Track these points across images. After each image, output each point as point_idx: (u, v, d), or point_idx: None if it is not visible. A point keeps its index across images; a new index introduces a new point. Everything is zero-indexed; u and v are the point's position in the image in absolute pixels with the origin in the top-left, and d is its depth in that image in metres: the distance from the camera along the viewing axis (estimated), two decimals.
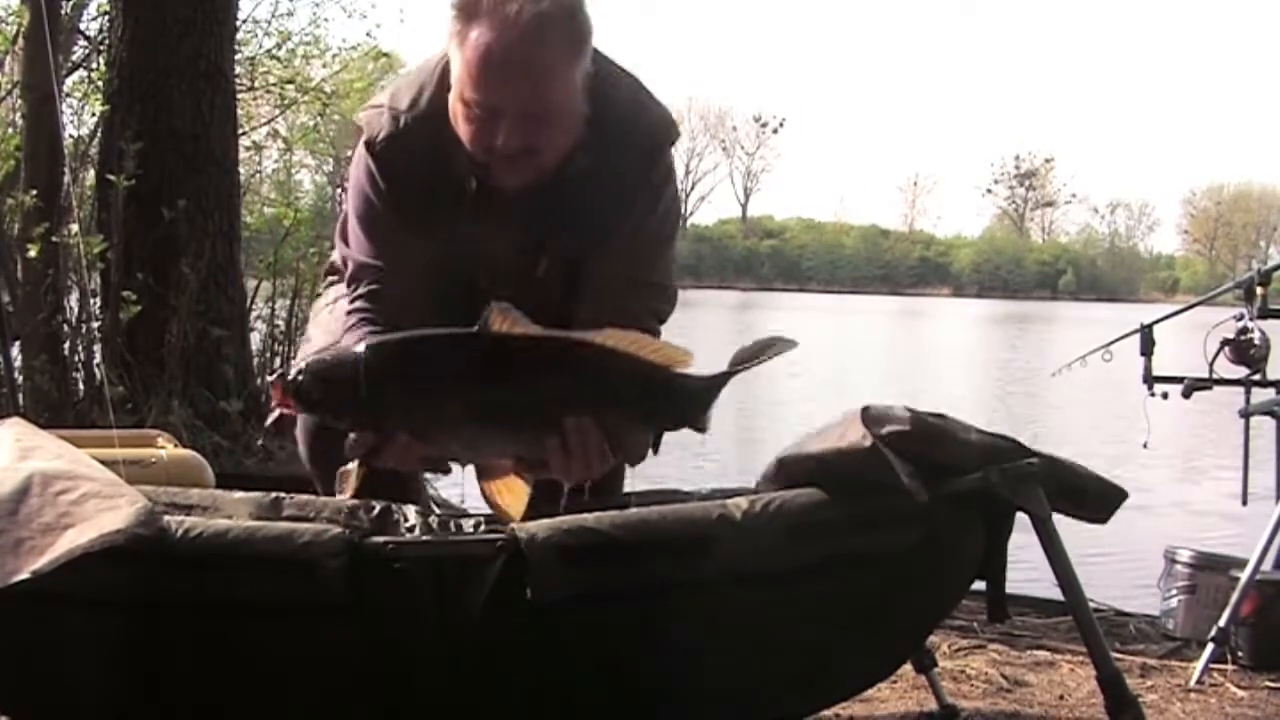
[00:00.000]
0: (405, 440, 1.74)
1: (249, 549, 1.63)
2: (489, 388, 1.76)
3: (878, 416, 1.78)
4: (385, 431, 1.74)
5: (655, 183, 2.06)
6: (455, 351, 1.77)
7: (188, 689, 1.72)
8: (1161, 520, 6.13)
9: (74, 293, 5.63)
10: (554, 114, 1.87)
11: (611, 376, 1.79)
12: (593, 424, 1.76)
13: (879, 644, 1.97)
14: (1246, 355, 3.19)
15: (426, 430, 1.75)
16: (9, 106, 7.12)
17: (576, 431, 1.76)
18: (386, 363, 1.75)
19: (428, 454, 1.78)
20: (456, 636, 1.69)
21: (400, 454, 1.76)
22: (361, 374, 1.73)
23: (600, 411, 1.78)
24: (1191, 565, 3.26)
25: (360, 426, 1.75)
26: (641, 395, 1.81)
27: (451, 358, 1.77)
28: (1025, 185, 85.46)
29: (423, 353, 1.78)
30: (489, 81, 1.82)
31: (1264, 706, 2.68)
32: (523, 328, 1.74)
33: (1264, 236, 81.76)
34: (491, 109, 1.84)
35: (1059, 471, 1.86)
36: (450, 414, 1.76)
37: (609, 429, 1.78)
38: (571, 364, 1.78)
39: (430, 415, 1.76)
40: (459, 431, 1.77)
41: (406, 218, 2.03)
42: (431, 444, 1.76)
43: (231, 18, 6.23)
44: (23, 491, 1.59)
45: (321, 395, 1.75)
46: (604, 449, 1.78)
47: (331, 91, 10.75)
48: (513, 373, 1.76)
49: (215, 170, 5.78)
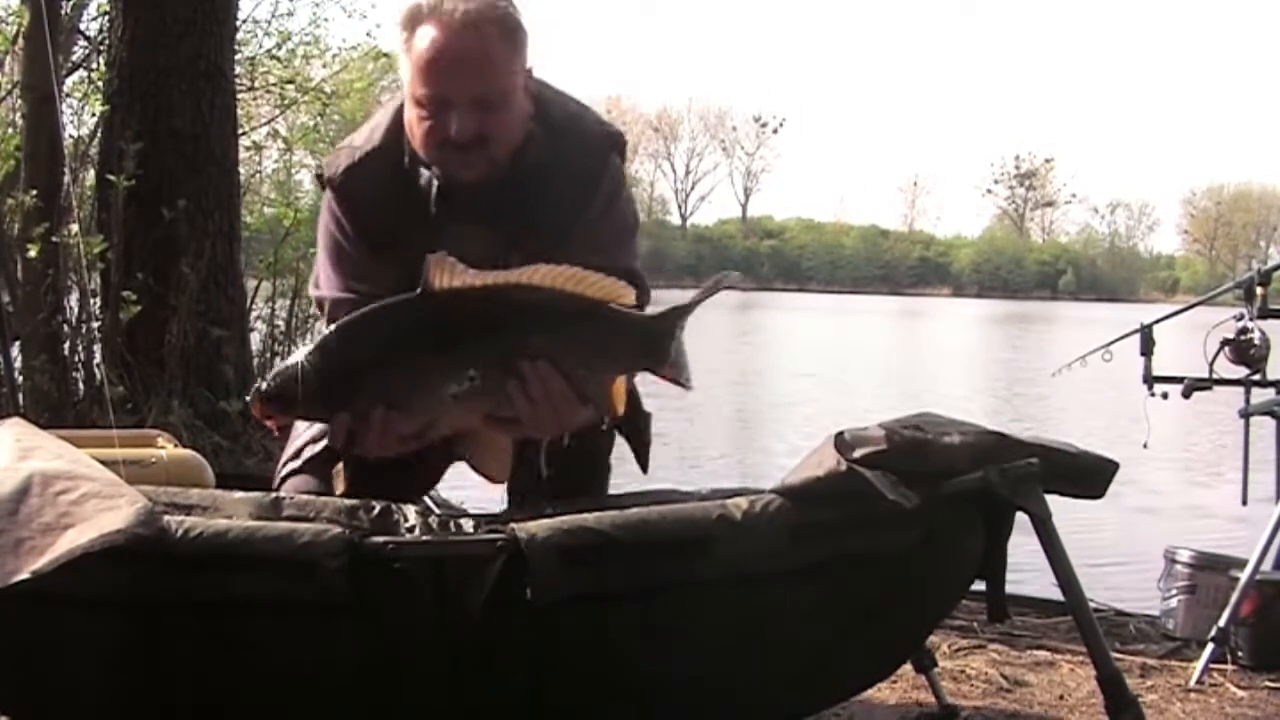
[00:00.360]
0: (381, 415, 1.75)
1: (249, 549, 1.63)
2: (444, 343, 1.79)
3: (851, 441, 1.80)
4: (359, 410, 1.76)
5: (607, 189, 2.11)
6: (405, 315, 1.81)
7: (188, 689, 1.72)
8: (1161, 520, 6.14)
9: (74, 293, 5.63)
10: (500, 101, 1.97)
11: (561, 317, 1.81)
12: (550, 368, 1.77)
13: (879, 644, 1.97)
14: (1246, 355, 3.18)
15: (397, 399, 1.76)
16: (9, 106, 7.11)
17: (536, 377, 1.77)
18: (343, 344, 1.81)
19: (405, 430, 1.78)
20: (456, 636, 1.69)
21: (380, 434, 1.77)
22: (321, 361, 1.78)
23: (556, 354, 1.79)
24: (1191, 565, 3.27)
25: (336, 411, 1.77)
26: (593, 332, 1.82)
27: (403, 323, 1.81)
28: (1025, 185, 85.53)
29: (375, 325, 1.82)
30: (437, 74, 1.94)
31: (1264, 706, 2.68)
32: (462, 276, 1.77)
33: (1264, 236, 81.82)
34: (442, 101, 1.95)
35: (1050, 455, 1.87)
36: (414, 377, 1.78)
37: (567, 371, 1.79)
38: (520, 308, 1.79)
39: (395, 383, 1.77)
40: (427, 394, 1.78)
41: (374, 242, 2.09)
42: (405, 415, 1.77)
43: (231, 18, 6.23)
44: (23, 491, 1.59)
45: (292, 394, 1.78)
46: (568, 393, 1.79)
47: (331, 91, 10.74)
48: (465, 325, 1.79)
49: (215, 170, 5.78)
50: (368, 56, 10.91)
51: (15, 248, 5.54)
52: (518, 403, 1.77)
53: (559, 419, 1.81)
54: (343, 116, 10.85)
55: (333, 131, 10.61)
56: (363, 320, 1.83)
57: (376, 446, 1.79)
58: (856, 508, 1.79)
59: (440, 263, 1.76)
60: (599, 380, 1.84)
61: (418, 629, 1.69)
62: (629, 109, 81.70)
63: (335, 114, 10.70)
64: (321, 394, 1.78)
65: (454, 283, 1.77)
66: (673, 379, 1.89)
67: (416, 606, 1.67)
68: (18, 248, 5.48)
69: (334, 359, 1.78)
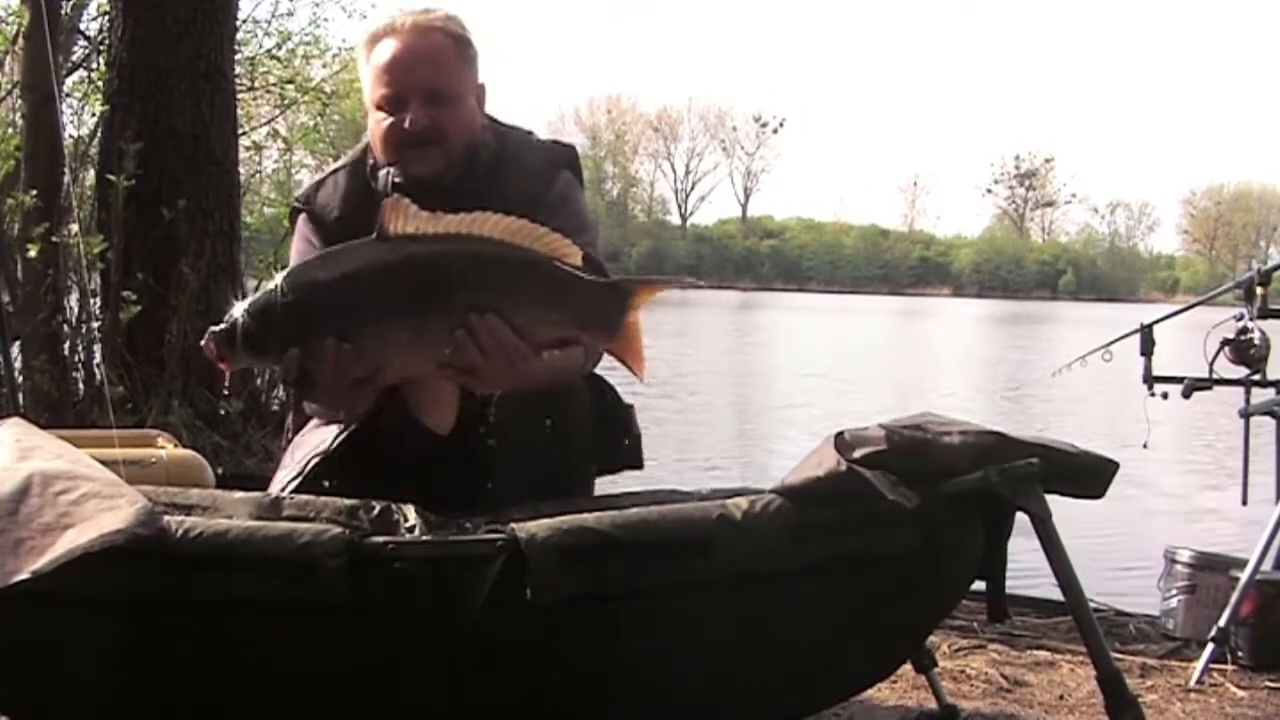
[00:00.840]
0: (333, 348, 1.76)
1: (249, 549, 1.63)
2: (396, 287, 1.81)
3: (851, 441, 1.80)
4: (311, 346, 1.77)
5: (560, 191, 2.19)
6: (359, 257, 1.85)
7: (187, 689, 1.72)
8: (1161, 520, 6.14)
9: (74, 293, 5.63)
10: (451, 97, 2.11)
11: (509, 268, 1.84)
12: (498, 320, 1.80)
13: (879, 644, 1.97)
14: (1246, 355, 3.18)
15: (348, 333, 1.77)
16: (9, 106, 7.12)
17: (484, 329, 1.80)
18: (297, 283, 1.83)
19: (357, 371, 1.79)
20: (456, 636, 1.69)
21: (333, 373, 1.78)
22: (276, 298, 1.80)
23: (504, 305, 1.82)
24: (1191, 565, 3.26)
25: (289, 347, 1.78)
26: (539, 287, 1.85)
27: (357, 264, 1.84)
28: (1025, 185, 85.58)
29: (329, 266, 1.87)
30: (394, 73, 2.10)
31: (1264, 706, 2.68)
32: (416, 220, 1.81)
33: (1264, 236, 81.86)
34: (398, 99, 2.10)
35: (1050, 455, 1.87)
36: (365, 316, 1.79)
37: (517, 324, 1.82)
38: (471, 258, 1.83)
39: (347, 321, 1.78)
40: (377, 336, 1.80)
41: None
42: (356, 355, 1.78)
43: (231, 18, 6.23)
44: (23, 491, 1.59)
45: (246, 331, 1.78)
46: (519, 345, 1.82)
47: (331, 91, 10.75)
48: (417, 270, 1.81)
49: (215, 170, 5.77)
50: None
51: (15, 248, 5.54)
52: (468, 353, 1.80)
53: (512, 368, 1.84)
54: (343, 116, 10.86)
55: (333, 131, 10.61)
56: (318, 261, 1.90)
57: (330, 389, 1.81)
58: (856, 508, 1.79)
59: (395, 206, 1.81)
60: (548, 336, 1.87)
61: (418, 629, 1.68)
62: (629, 109, 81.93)
63: (335, 114, 10.70)
64: (275, 330, 1.79)
65: (408, 227, 1.81)
66: (623, 359, 1.92)
67: (416, 606, 1.67)
68: (18, 248, 5.47)
69: (287, 296, 1.80)
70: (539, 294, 1.86)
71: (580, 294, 1.88)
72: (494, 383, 1.89)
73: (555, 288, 1.86)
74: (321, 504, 1.75)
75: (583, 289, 1.88)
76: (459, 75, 2.14)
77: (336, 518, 1.71)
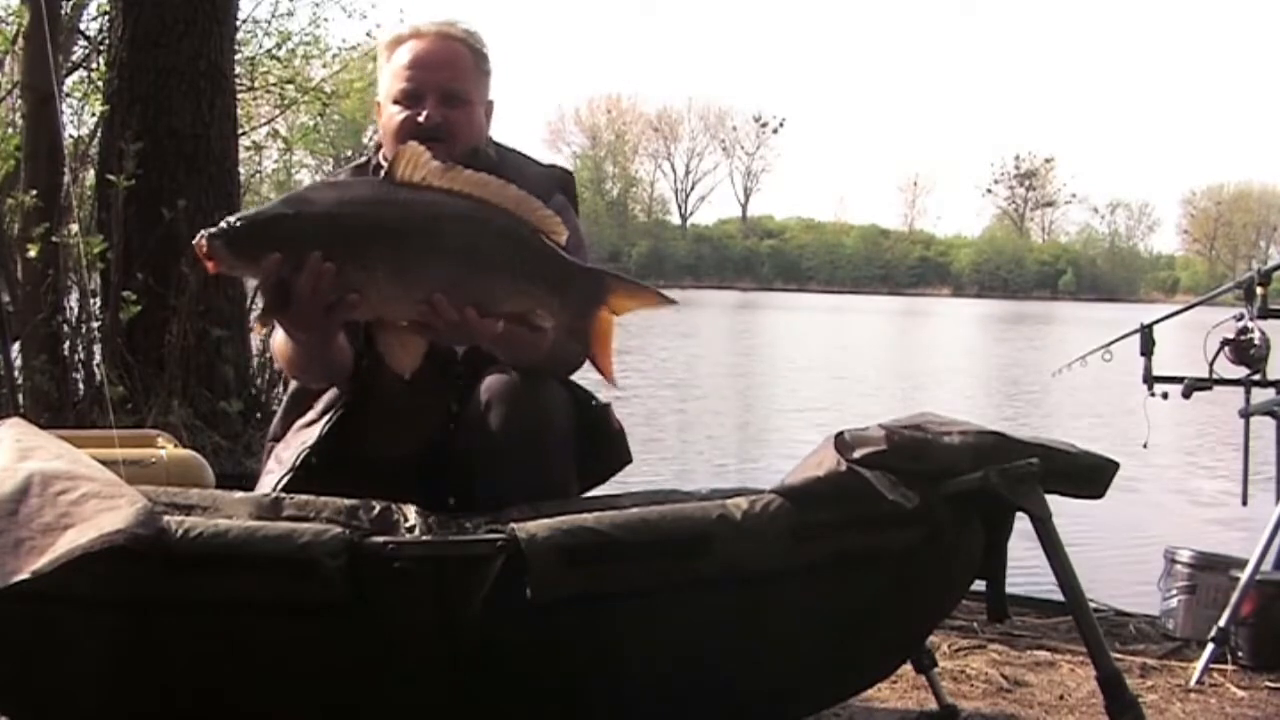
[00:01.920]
0: (314, 264, 1.78)
1: (249, 549, 1.63)
2: (390, 223, 1.84)
3: (851, 441, 1.80)
4: (295, 255, 1.79)
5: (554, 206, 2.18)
6: (363, 191, 1.95)
7: (187, 689, 1.72)
8: (1162, 520, 6.14)
9: (74, 293, 5.62)
10: (463, 100, 2.23)
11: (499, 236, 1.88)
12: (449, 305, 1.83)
13: (879, 644, 1.97)
14: (1246, 355, 3.19)
15: (333, 254, 1.79)
16: (9, 106, 7.12)
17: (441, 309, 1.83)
18: (295, 197, 1.89)
19: (332, 294, 1.81)
20: (456, 636, 1.69)
21: (311, 286, 1.79)
22: (271, 206, 1.85)
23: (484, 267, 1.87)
24: (1191, 565, 3.26)
25: (274, 249, 1.79)
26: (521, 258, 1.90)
27: (359, 197, 1.91)
28: (1025, 185, 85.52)
29: (329, 189, 1.97)
30: (414, 71, 2.22)
31: (1264, 706, 2.68)
32: (425, 169, 1.86)
33: (1264, 236, 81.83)
34: (415, 94, 2.21)
35: (1050, 455, 1.87)
36: (352, 244, 1.82)
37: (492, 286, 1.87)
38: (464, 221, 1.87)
39: (335, 242, 1.80)
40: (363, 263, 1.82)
41: None
42: (337, 274, 1.79)
43: (231, 18, 6.23)
44: (23, 491, 1.59)
45: (237, 231, 1.80)
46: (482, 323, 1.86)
47: (331, 91, 10.75)
48: (411, 213, 1.85)
49: (215, 170, 5.77)
50: (368, 56, 10.92)
51: (15, 248, 5.54)
52: (440, 313, 1.84)
53: (470, 340, 1.94)
54: (343, 116, 10.87)
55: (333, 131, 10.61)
56: (320, 185, 1.96)
57: (304, 305, 1.81)
58: (856, 508, 1.79)
59: (408, 152, 1.87)
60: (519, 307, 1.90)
61: (418, 629, 1.69)
62: (629, 109, 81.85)
63: (335, 114, 10.70)
64: (263, 235, 1.81)
65: (416, 175, 1.86)
66: (590, 351, 1.95)
67: (416, 606, 1.67)
68: (18, 248, 5.47)
69: (281, 208, 1.84)
70: (519, 264, 1.90)
71: (558, 272, 1.92)
72: (453, 341, 2.01)
73: (536, 260, 1.91)
74: (321, 504, 1.75)
75: (562, 268, 1.93)
76: (474, 83, 2.26)
77: (336, 518, 1.71)
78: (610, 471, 2.26)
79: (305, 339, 1.97)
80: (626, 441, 2.27)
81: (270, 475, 2.14)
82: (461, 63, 2.24)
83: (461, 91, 2.22)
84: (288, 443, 2.20)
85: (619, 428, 2.25)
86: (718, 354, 15.96)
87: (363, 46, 10.91)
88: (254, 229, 1.81)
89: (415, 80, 2.21)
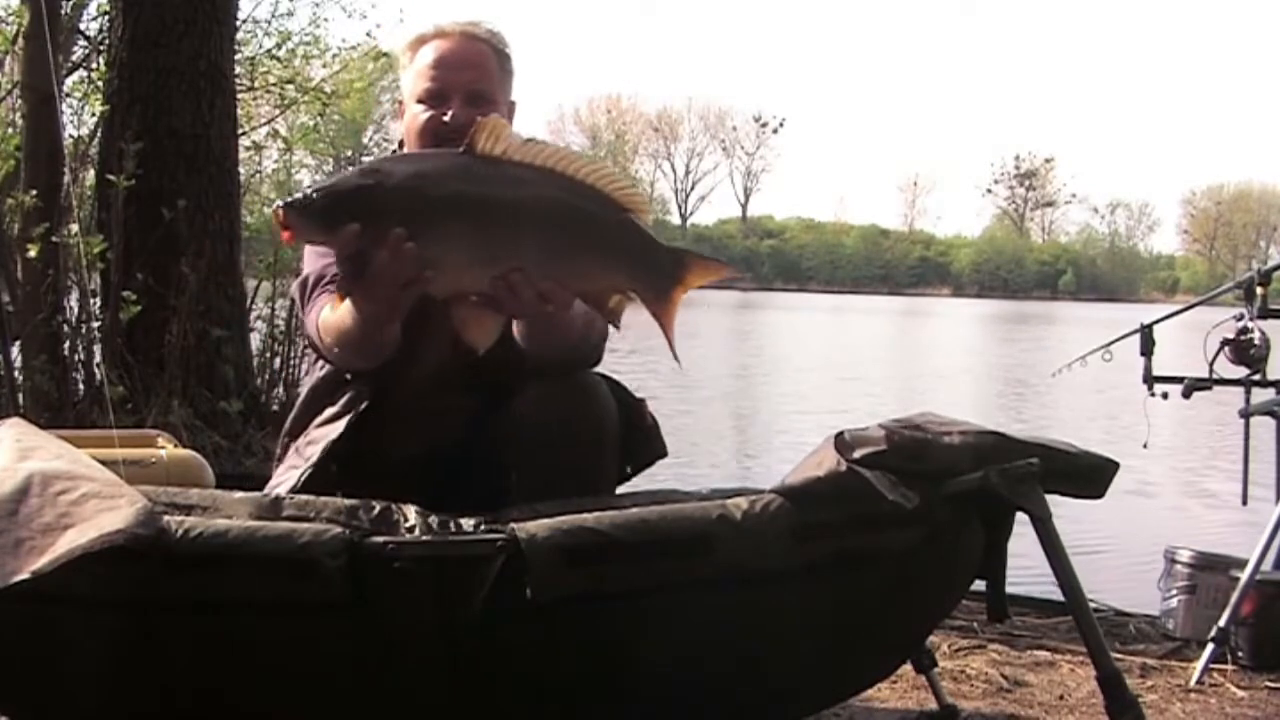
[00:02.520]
0: (395, 239, 1.75)
1: (249, 549, 1.63)
2: (471, 196, 1.81)
3: (851, 441, 1.80)
4: (375, 228, 1.76)
5: None
6: (441, 161, 1.90)
7: (187, 689, 1.72)
8: (1161, 520, 6.14)
9: (74, 293, 5.62)
10: (489, 102, 2.21)
11: (582, 210, 1.85)
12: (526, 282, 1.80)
13: (879, 644, 1.97)
14: (1246, 355, 3.19)
15: (413, 228, 1.77)
16: (9, 106, 7.12)
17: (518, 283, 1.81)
18: (376, 168, 1.85)
19: (411, 269, 1.78)
20: (456, 636, 1.69)
21: (389, 263, 1.77)
22: (353, 177, 1.81)
23: (566, 243, 1.84)
24: (1191, 565, 3.26)
25: (351, 221, 1.76)
26: (606, 235, 1.87)
27: (438, 166, 1.87)
28: (1025, 185, 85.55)
29: (410, 161, 1.91)
30: (440, 71, 2.21)
31: (1264, 706, 2.68)
32: (505, 143, 1.83)
33: (1264, 236, 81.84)
34: (442, 95, 2.20)
35: (1050, 455, 1.87)
36: (435, 215, 1.79)
37: (573, 264, 1.85)
38: (547, 192, 1.83)
39: (417, 213, 1.78)
40: (442, 237, 1.79)
41: None
42: (416, 250, 1.77)
43: (231, 18, 6.23)
44: (23, 491, 1.59)
45: (316, 200, 1.78)
46: (564, 298, 1.84)
47: (331, 91, 10.75)
48: (493, 186, 1.82)
49: (215, 170, 5.77)
50: (368, 56, 10.93)
51: (15, 248, 5.54)
52: (519, 292, 1.81)
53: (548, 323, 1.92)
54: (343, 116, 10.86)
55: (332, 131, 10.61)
56: (400, 157, 1.91)
57: (383, 278, 1.79)
58: (857, 508, 1.79)
59: (489, 124, 1.83)
60: (601, 284, 1.89)
61: (418, 629, 1.68)
62: (629, 109, 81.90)
63: (335, 114, 10.70)
64: (343, 205, 1.78)
65: (497, 148, 1.83)
66: (663, 327, 1.91)
67: (416, 606, 1.67)
68: (18, 248, 5.47)
69: (363, 179, 1.80)
70: (602, 241, 1.87)
71: (641, 251, 1.89)
72: (531, 328, 1.97)
73: (619, 239, 1.87)
74: (321, 504, 1.75)
75: (645, 246, 1.89)
76: (498, 84, 2.25)
77: (336, 518, 1.71)
78: (643, 465, 2.25)
79: (373, 313, 1.91)
80: (661, 435, 2.26)
81: (293, 471, 2.11)
82: (486, 63, 2.24)
83: (486, 92, 2.22)
84: (310, 438, 2.17)
85: (653, 422, 2.24)
86: (718, 354, 15.96)
87: (363, 46, 10.91)
88: (331, 199, 1.78)
89: (440, 80, 2.20)
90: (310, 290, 2.19)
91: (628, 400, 2.18)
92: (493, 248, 1.81)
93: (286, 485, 2.07)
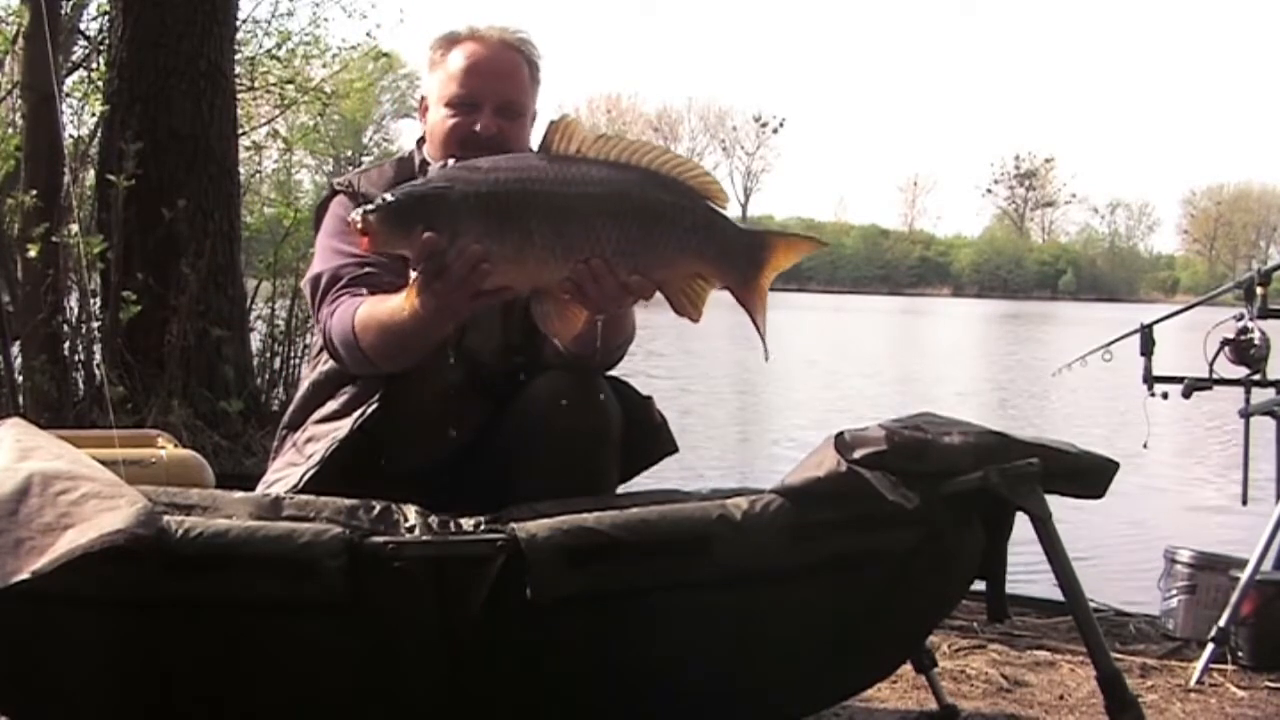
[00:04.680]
0: (473, 254, 1.77)
1: (249, 549, 1.63)
2: (549, 197, 1.82)
3: (851, 441, 1.80)
4: (454, 235, 1.77)
5: None
6: (518, 164, 1.88)
7: (187, 689, 1.72)
8: (1161, 520, 6.14)
9: (74, 293, 5.62)
10: (519, 114, 2.21)
11: (660, 203, 1.85)
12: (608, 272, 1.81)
13: (879, 644, 1.97)
14: (1246, 355, 3.19)
15: (490, 236, 1.78)
16: (9, 106, 7.12)
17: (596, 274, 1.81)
18: (454, 174, 1.86)
19: (489, 282, 1.79)
20: (456, 636, 1.69)
21: (466, 272, 1.78)
22: (433, 182, 1.83)
23: (645, 237, 1.83)
24: (1191, 565, 3.26)
25: (429, 228, 1.77)
26: (686, 226, 1.86)
27: (516, 169, 1.86)
28: (1025, 185, 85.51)
29: (488, 168, 1.87)
30: (472, 77, 2.18)
31: (1264, 706, 2.68)
32: (580, 141, 1.84)
33: (1264, 236, 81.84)
34: (472, 103, 2.17)
35: (1050, 455, 1.87)
36: (511, 222, 1.80)
37: (654, 256, 1.84)
38: (625, 188, 1.84)
39: (493, 220, 1.79)
40: (519, 242, 1.80)
41: None
42: (493, 260, 1.78)
43: (231, 18, 6.23)
44: (23, 491, 1.59)
45: (396, 207, 1.79)
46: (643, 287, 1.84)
47: (331, 91, 10.75)
48: (570, 186, 1.83)
49: (215, 170, 5.77)
50: (368, 56, 10.92)
51: (15, 248, 5.53)
52: (601, 282, 1.82)
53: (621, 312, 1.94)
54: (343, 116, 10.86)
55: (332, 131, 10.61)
56: (476, 162, 1.89)
57: (456, 286, 1.80)
58: (856, 508, 1.79)
59: (564, 124, 1.84)
60: (685, 272, 1.88)
61: (418, 629, 1.69)
62: (629, 109, 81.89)
63: (335, 114, 10.69)
64: (419, 206, 1.79)
65: (572, 147, 1.84)
66: (750, 312, 1.91)
67: (416, 606, 1.67)
68: (18, 248, 5.47)
69: (441, 184, 1.82)
70: (682, 229, 1.86)
71: (722, 236, 1.89)
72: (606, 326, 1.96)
73: (698, 225, 1.87)
74: (321, 504, 1.75)
75: (726, 232, 1.89)
76: (529, 95, 2.24)
77: (336, 518, 1.71)
78: (651, 462, 2.25)
79: (437, 319, 1.91)
80: (670, 432, 2.25)
81: (293, 469, 2.10)
82: (520, 74, 2.22)
83: (518, 104, 2.20)
84: (310, 434, 2.15)
85: (661, 420, 2.24)
86: (718, 354, 15.97)
87: (363, 46, 10.90)
88: (409, 205, 1.79)
89: (472, 87, 2.17)
90: (326, 289, 2.16)
91: (636, 398, 2.18)
92: (569, 238, 1.82)
93: (286, 483, 2.06)
